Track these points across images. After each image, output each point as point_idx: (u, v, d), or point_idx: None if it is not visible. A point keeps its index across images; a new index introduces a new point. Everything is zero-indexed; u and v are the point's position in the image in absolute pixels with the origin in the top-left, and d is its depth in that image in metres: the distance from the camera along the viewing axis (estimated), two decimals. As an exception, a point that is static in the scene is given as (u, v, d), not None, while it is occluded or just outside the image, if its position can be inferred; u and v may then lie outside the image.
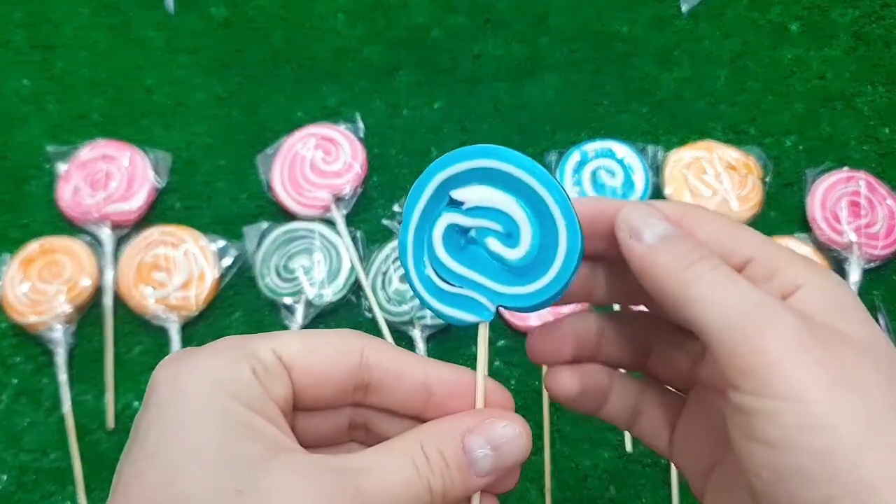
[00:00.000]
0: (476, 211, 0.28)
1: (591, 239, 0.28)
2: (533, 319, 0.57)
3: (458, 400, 0.27)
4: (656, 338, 0.32)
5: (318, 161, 0.62)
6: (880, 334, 0.25)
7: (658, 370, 0.33)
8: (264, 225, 0.60)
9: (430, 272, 0.28)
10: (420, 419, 0.27)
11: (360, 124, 0.64)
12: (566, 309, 0.30)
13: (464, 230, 0.28)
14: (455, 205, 0.28)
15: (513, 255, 0.28)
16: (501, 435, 0.26)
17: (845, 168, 0.61)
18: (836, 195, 0.60)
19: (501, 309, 0.28)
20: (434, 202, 0.28)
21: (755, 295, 0.24)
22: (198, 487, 0.22)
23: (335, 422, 0.28)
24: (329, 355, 0.26)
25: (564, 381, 0.31)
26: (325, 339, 0.27)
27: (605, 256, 0.29)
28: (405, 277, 0.28)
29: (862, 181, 0.60)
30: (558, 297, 0.27)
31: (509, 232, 0.28)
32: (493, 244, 0.28)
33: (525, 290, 0.28)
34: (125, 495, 0.23)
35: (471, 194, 0.28)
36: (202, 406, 0.23)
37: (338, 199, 0.61)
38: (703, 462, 0.30)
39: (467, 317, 0.28)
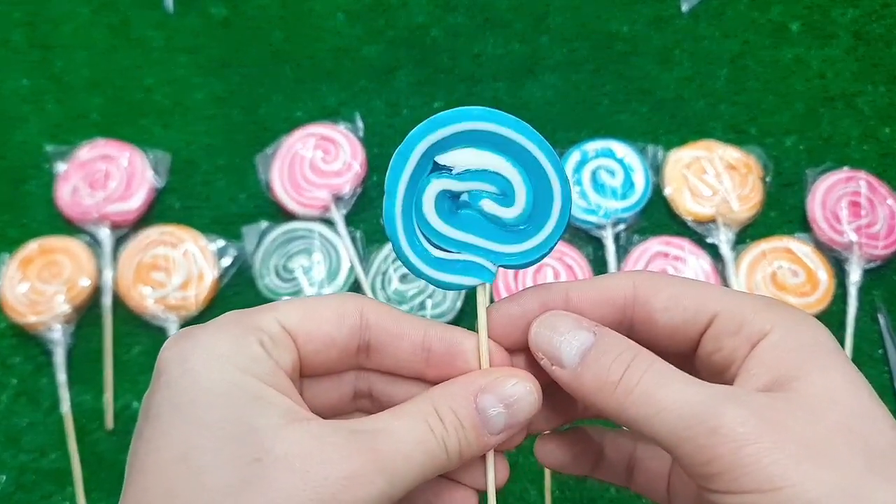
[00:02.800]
0: (466, 174, 0.28)
1: (516, 356, 0.28)
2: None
3: (456, 358, 0.27)
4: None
5: (317, 161, 0.62)
6: (851, 378, 0.24)
7: (641, 475, 0.32)
8: (263, 225, 0.60)
9: (423, 242, 0.28)
10: (421, 380, 0.28)
11: (360, 124, 0.64)
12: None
13: (455, 195, 0.28)
14: (442, 170, 0.28)
15: (509, 213, 0.28)
16: (512, 393, 0.26)
17: (845, 168, 0.61)
18: (836, 195, 0.60)
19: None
20: (419, 170, 0.28)
21: (694, 395, 0.23)
22: (214, 460, 0.22)
23: (340, 390, 0.28)
24: (329, 318, 0.26)
25: (553, 451, 0.32)
26: (325, 304, 0.27)
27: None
28: (395, 251, 0.28)
29: (862, 181, 0.60)
30: (555, 246, 0.28)
31: (503, 191, 0.28)
32: (489, 205, 0.28)
33: (524, 246, 0.28)
34: (142, 473, 0.23)
35: (459, 158, 0.27)
36: (213, 381, 0.23)
37: (337, 199, 0.61)
38: None
39: (469, 281, 0.28)
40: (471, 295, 0.59)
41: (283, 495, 0.22)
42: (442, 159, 0.27)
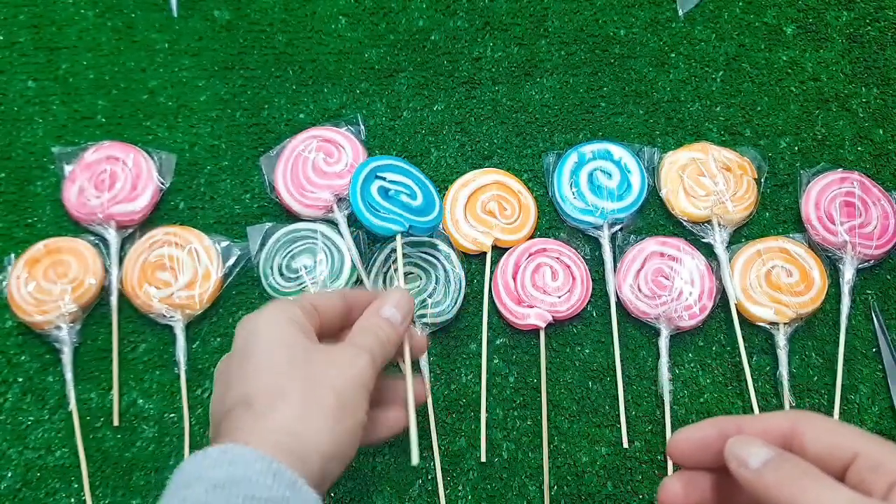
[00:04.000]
0: (392, 182, 0.55)
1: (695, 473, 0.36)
2: (532, 319, 0.58)
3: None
4: None
5: (320, 162, 0.62)
6: None
7: None
8: (267, 225, 0.61)
9: (368, 207, 0.53)
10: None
11: (362, 126, 0.65)
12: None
13: (387, 190, 0.55)
14: (381, 178, 0.55)
15: (414, 203, 0.55)
16: (396, 298, 0.44)
17: (839, 169, 0.62)
18: (829, 195, 0.61)
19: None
20: (369, 177, 0.54)
21: (858, 500, 0.28)
22: (284, 363, 0.38)
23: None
24: (329, 298, 0.44)
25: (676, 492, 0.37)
26: (325, 296, 0.44)
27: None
28: (355, 213, 0.53)
29: (856, 182, 0.61)
30: (439, 224, 0.57)
31: (411, 193, 0.56)
32: (404, 198, 0.55)
33: (422, 219, 0.55)
34: (221, 400, 0.39)
35: (389, 176, 0.55)
36: (273, 327, 0.39)
37: (340, 200, 0.61)
38: None
39: (392, 227, 0.53)
40: (468, 294, 0.60)
41: (328, 378, 0.38)
42: (381, 174, 0.55)
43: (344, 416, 0.37)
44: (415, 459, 0.41)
